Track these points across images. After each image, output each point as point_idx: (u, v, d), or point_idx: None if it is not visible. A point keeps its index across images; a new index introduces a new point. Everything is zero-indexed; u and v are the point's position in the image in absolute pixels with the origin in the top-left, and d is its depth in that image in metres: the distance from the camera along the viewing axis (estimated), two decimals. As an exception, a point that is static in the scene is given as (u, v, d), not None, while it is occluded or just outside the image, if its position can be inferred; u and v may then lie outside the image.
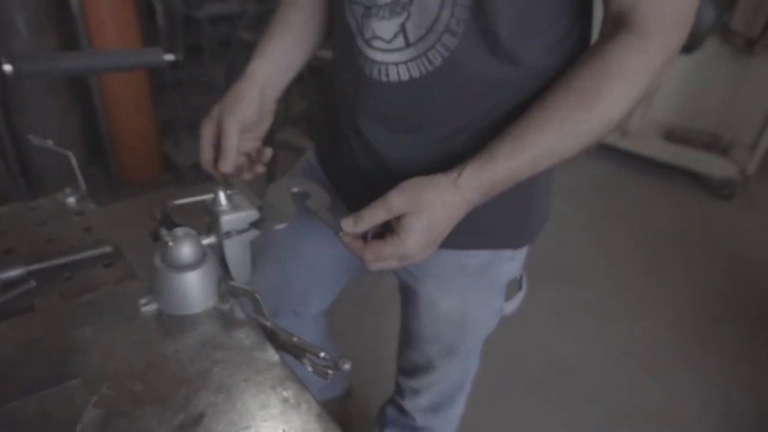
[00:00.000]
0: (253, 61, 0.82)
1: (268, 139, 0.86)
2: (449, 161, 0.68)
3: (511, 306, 0.95)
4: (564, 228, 2.68)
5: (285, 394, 0.57)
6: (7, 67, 0.69)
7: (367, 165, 0.82)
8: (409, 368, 1.05)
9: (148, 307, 0.66)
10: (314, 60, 0.93)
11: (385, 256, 0.64)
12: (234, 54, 2.46)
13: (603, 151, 3.34)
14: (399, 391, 1.13)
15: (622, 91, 0.62)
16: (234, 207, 0.70)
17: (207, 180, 0.75)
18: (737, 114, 3.17)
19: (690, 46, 2.97)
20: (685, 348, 2.05)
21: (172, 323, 0.65)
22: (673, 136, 3.21)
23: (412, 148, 0.77)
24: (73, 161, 0.87)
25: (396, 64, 0.70)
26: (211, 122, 0.77)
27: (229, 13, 3.18)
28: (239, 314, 0.67)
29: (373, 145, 0.79)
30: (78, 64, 0.81)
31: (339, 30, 0.77)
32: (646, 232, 2.74)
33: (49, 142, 0.89)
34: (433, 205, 0.63)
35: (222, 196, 0.69)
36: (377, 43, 0.70)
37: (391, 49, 0.70)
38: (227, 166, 0.75)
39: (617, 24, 0.63)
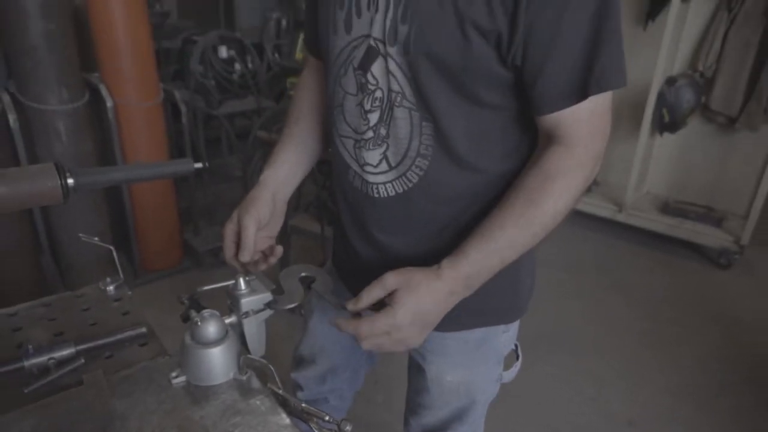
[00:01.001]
0: (265, 171, 0.99)
1: (282, 228, 1.01)
2: (440, 253, 0.81)
3: (510, 374, 1.06)
4: (564, 298, 2.75)
5: (294, 451, 0.67)
6: (71, 181, 0.82)
7: (369, 259, 0.96)
8: None
9: (178, 380, 0.77)
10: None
11: (377, 329, 0.75)
12: (251, 148, 2.67)
13: (601, 224, 3.45)
14: None
15: (562, 188, 0.76)
16: (252, 291, 0.83)
17: (223, 264, 0.88)
18: (727, 186, 3.30)
19: (674, 126, 3.18)
20: (686, 416, 2.06)
21: (198, 393, 0.76)
22: (668, 209, 3.33)
23: (407, 246, 0.91)
24: (115, 255, 1.02)
25: (384, 183, 0.87)
26: (231, 223, 0.93)
27: (246, 110, 3.47)
28: (255, 384, 0.77)
29: (374, 244, 0.94)
30: (124, 175, 0.98)
31: (336, 158, 0.94)
32: (645, 302, 2.79)
33: (96, 239, 1.04)
34: (420, 285, 0.76)
35: (242, 282, 0.82)
36: (368, 168, 0.87)
37: (378, 172, 0.86)
38: (246, 256, 0.89)
39: (549, 137, 0.78)
